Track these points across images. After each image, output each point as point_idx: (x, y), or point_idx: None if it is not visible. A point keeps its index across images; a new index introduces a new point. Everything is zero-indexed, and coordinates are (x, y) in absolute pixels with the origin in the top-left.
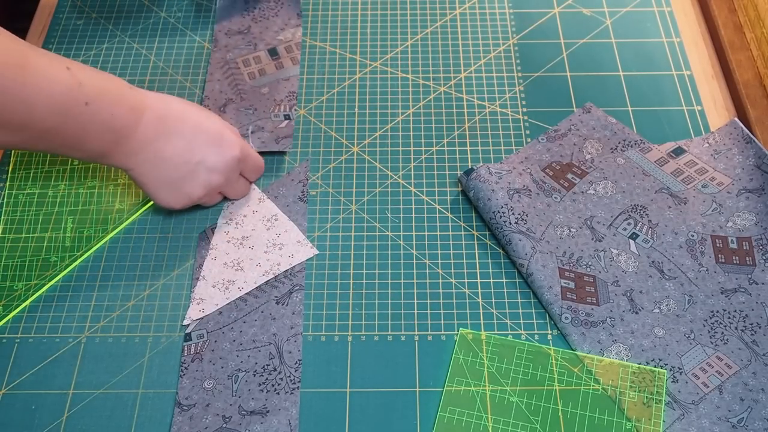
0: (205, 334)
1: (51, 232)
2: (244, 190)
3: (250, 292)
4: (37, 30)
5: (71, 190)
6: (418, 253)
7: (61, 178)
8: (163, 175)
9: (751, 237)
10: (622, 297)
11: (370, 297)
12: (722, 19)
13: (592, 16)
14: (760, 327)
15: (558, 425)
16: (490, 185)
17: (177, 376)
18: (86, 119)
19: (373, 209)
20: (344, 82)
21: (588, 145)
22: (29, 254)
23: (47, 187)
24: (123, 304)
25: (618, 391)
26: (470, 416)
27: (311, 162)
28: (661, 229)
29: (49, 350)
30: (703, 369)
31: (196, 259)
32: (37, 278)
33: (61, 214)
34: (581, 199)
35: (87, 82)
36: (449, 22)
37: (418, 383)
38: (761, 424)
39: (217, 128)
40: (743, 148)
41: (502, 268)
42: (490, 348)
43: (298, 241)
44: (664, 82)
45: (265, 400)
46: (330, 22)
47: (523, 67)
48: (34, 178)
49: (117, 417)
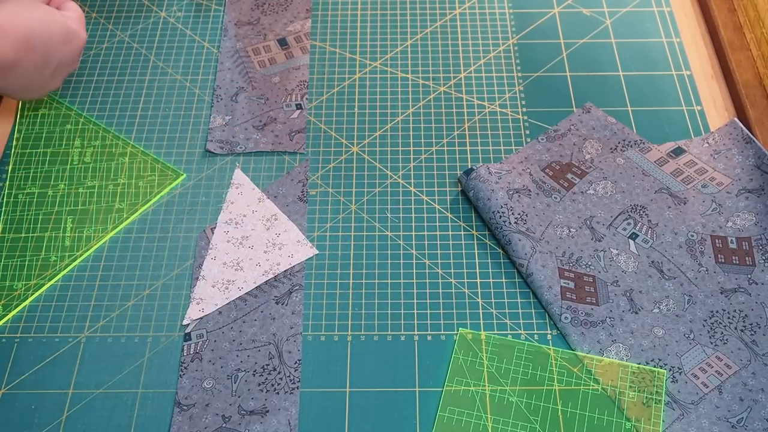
0: (204, 333)
1: (51, 232)
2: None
3: (250, 292)
4: None
5: (71, 190)
6: (418, 253)
7: (61, 178)
8: (25, 85)
9: (750, 237)
10: (621, 297)
11: (370, 297)
12: (722, 19)
13: (592, 16)
14: (760, 327)
15: (558, 425)
16: (489, 185)
17: (176, 376)
18: None
19: (373, 209)
20: (344, 82)
21: (588, 145)
22: (29, 254)
23: (47, 187)
24: (123, 303)
25: (618, 391)
26: (470, 416)
27: (311, 162)
28: (661, 229)
29: (48, 350)
30: (702, 369)
31: (196, 259)
32: (37, 278)
33: (60, 214)
34: (581, 199)
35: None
36: (449, 22)
37: (417, 383)
38: (761, 424)
39: (61, 27)
40: (743, 148)
41: (502, 268)
42: (490, 348)
43: (298, 240)
44: (663, 82)
45: (265, 399)
46: (330, 22)
47: (523, 67)
48: (33, 178)
49: (117, 417)
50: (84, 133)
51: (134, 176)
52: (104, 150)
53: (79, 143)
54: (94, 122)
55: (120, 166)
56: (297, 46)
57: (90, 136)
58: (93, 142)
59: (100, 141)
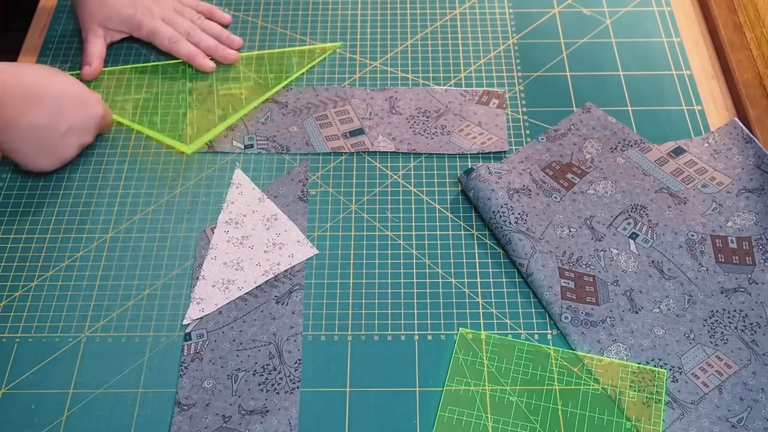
0: (204, 333)
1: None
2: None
3: (250, 292)
4: (37, 30)
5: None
6: (418, 252)
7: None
8: (36, 144)
9: (750, 237)
10: (621, 297)
11: (370, 297)
12: (722, 18)
13: (592, 16)
14: (760, 327)
15: (558, 425)
16: (490, 185)
17: (177, 376)
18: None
19: (373, 209)
20: (344, 81)
21: (588, 145)
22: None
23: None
24: (123, 303)
25: (618, 390)
26: (470, 416)
27: (311, 162)
28: (661, 228)
29: (48, 350)
30: (702, 369)
31: (196, 259)
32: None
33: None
34: (581, 198)
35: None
36: (449, 22)
37: (417, 383)
38: (761, 424)
39: (77, 90)
40: (743, 147)
41: (502, 268)
42: (490, 348)
43: (298, 240)
44: (664, 82)
45: (265, 399)
46: (330, 22)
47: (523, 67)
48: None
49: (117, 417)
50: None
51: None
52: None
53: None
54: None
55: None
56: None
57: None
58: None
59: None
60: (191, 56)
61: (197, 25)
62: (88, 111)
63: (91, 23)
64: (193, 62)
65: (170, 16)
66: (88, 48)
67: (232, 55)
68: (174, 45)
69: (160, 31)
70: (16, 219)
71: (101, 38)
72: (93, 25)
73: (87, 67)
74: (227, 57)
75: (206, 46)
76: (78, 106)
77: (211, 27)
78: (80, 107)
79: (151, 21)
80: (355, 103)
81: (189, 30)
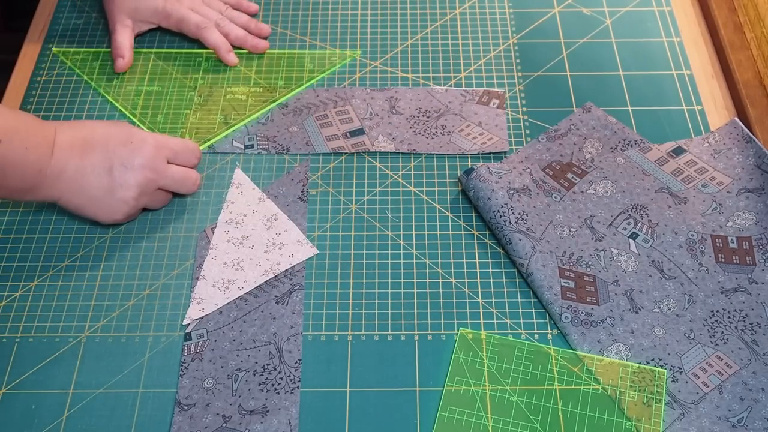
0: (205, 333)
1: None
2: (184, 177)
3: (250, 292)
4: (37, 30)
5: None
6: (418, 252)
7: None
8: (92, 192)
9: (751, 236)
10: (622, 296)
11: (370, 296)
12: (722, 18)
13: (592, 16)
14: (760, 327)
15: (558, 425)
16: (490, 185)
17: (177, 376)
18: (1, 156)
19: (373, 209)
20: (344, 81)
21: (588, 145)
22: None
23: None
24: (123, 303)
25: (618, 390)
26: (470, 416)
27: (311, 162)
28: (661, 228)
29: (49, 350)
30: (702, 368)
31: (196, 259)
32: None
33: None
34: (581, 198)
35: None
36: (449, 22)
37: (417, 383)
38: (761, 424)
39: (124, 130)
40: (743, 147)
41: (502, 268)
42: (490, 348)
43: (298, 240)
44: (664, 82)
45: (265, 399)
46: (330, 22)
47: (523, 67)
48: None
49: (117, 417)
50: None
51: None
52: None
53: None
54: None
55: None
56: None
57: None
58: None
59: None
60: (218, 46)
61: (225, 15)
62: (134, 146)
63: (119, 14)
64: (218, 52)
65: (198, 7)
66: (118, 39)
67: (261, 44)
68: (202, 31)
69: (189, 17)
70: (16, 219)
71: (129, 29)
72: (121, 15)
73: (120, 59)
74: (257, 46)
75: (235, 36)
76: (123, 144)
77: (238, 17)
78: (125, 144)
79: (180, 9)
80: (356, 103)
81: (218, 20)
